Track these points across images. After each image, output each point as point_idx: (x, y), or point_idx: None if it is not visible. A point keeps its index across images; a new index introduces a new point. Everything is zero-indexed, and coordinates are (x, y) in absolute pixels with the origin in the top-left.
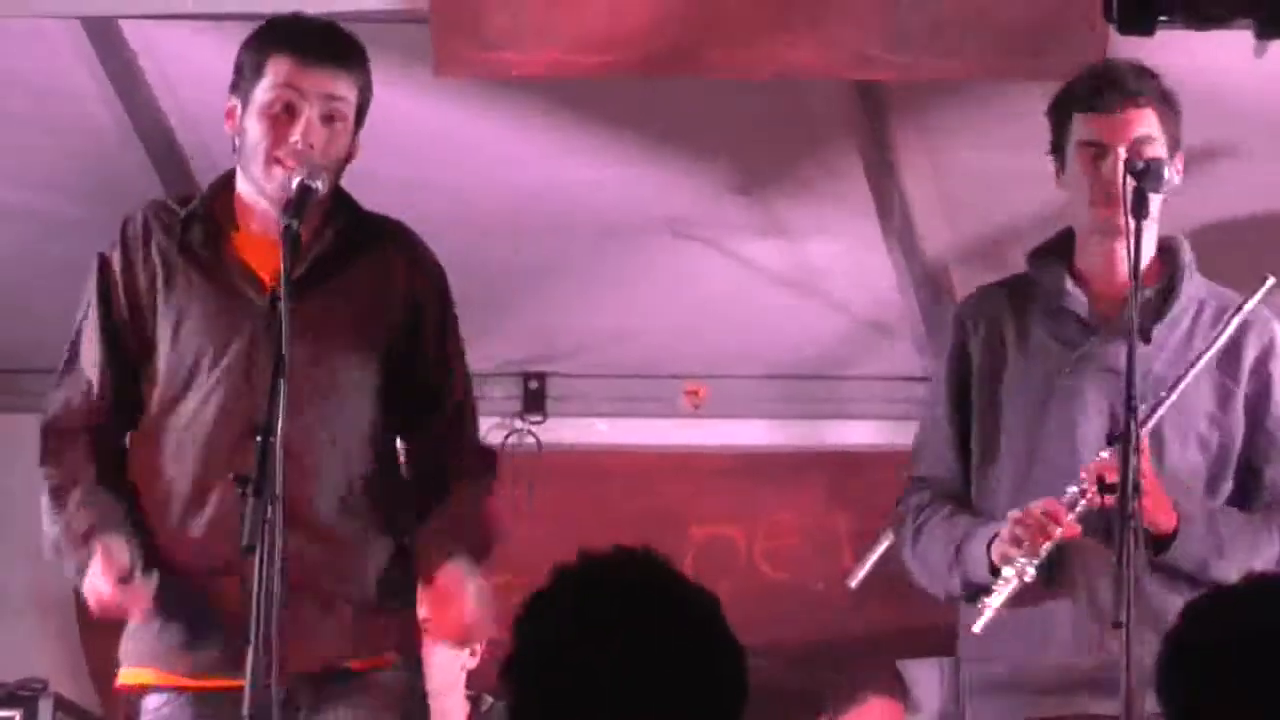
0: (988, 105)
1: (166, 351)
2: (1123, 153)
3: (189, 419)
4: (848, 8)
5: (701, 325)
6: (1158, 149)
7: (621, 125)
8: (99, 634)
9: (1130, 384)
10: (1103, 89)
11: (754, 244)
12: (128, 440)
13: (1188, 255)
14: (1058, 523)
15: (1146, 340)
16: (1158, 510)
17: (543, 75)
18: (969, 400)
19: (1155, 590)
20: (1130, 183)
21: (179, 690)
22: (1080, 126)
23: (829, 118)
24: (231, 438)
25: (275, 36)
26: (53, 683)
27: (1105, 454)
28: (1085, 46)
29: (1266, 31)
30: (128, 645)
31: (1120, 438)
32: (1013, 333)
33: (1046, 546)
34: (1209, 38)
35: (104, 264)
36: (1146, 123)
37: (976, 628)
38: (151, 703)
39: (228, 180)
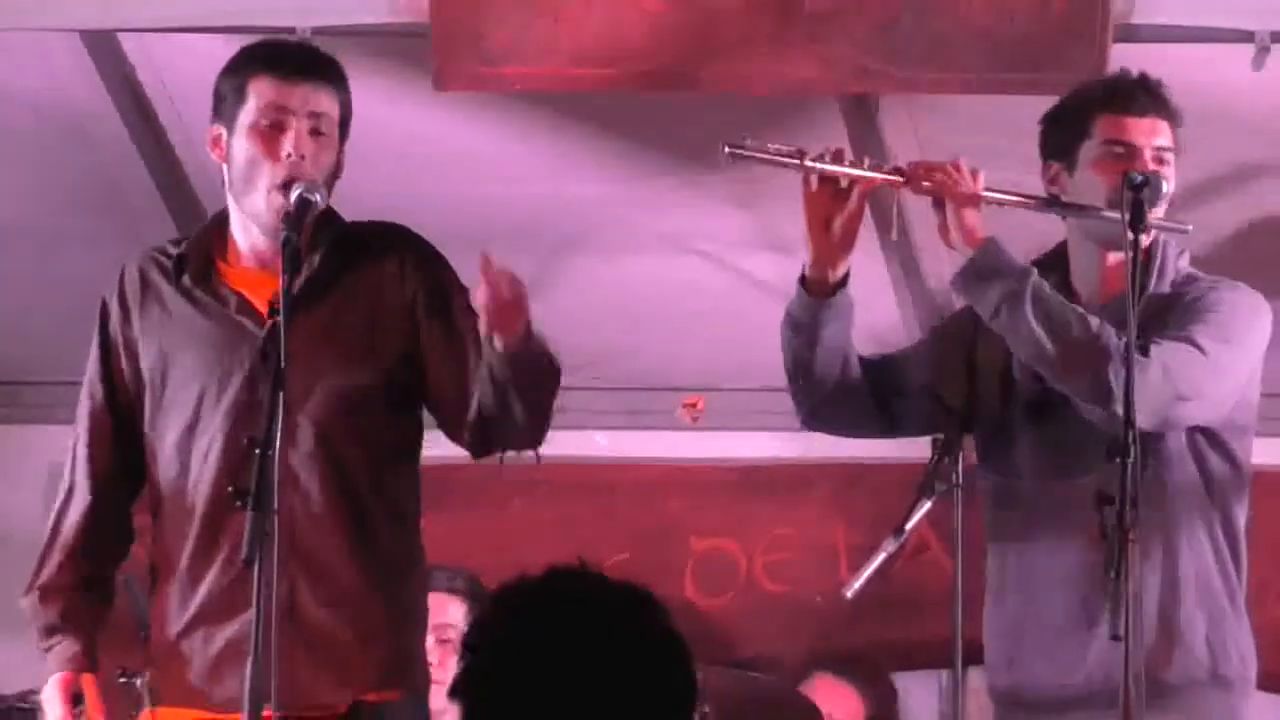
0: (985, 120)
1: (170, 390)
2: (1149, 156)
3: (199, 454)
4: (847, 23)
5: (700, 338)
6: (1172, 162)
7: (621, 140)
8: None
9: (1129, 401)
10: (1134, 92)
11: (753, 257)
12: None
13: (1159, 257)
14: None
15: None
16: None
17: (543, 90)
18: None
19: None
20: (1129, 195)
21: None
22: (1106, 126)
23: (827, 132)
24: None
25: (254, 60)
26: None
27: None
28: (1085, 62)
29: None
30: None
31: (1120, 452)
32: None
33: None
34: (1208, 52)
35: (104, 311)
36: (1166, 134)
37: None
38: None
39: (220, 220)
